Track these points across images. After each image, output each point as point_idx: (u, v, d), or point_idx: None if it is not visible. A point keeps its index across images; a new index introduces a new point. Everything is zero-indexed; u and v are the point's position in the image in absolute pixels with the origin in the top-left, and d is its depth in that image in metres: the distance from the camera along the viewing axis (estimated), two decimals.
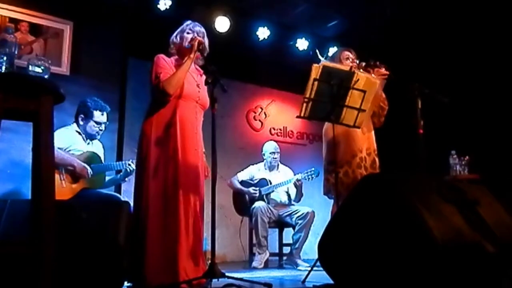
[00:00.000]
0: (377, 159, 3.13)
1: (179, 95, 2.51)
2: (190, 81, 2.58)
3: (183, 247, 2.33)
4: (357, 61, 3.14)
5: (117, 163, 3.32)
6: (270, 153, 4.46)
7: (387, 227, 1.73)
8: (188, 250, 2.36)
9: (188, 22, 2.72)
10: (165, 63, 2.55)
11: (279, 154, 4.49)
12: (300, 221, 4.09)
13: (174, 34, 2.71)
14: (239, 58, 5.16)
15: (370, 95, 2.85)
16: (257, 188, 4.28)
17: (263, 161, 4.53)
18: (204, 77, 2.66)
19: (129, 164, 3.22)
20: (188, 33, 2.65)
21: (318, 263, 2.14)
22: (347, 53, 3.24)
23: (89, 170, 3.10)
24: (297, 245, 4.08)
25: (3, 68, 1.74)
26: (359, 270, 1.81)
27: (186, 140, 2.49)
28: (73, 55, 4.15)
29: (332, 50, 5.44)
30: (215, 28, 4.77)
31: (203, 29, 2.71)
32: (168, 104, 2.50)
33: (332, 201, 3.05)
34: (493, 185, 2.16)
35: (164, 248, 2.33)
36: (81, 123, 3.25)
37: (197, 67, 2.73)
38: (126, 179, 3.34)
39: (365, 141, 3.09)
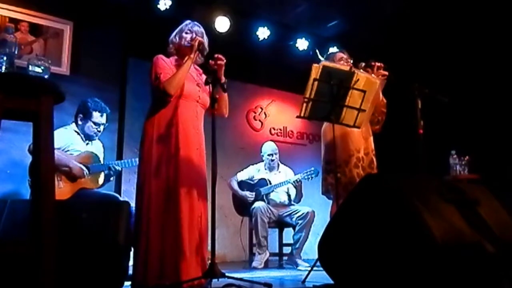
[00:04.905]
0: (375, 160, 3.13)
1: (180, 94, 2.52)
2: (190, 80, 2.59)
3: (184, 247, 2.32)
4: (351, 61, 3.13)
5: (107, 164, 3.27)
6: (268, 155, 4.43)
7: (387, 227, 1.73)
8: (189, 250, 2.35)
9: (187, 22, 2.73)
10: (164, 63, 2.56)
11: (277, 156, 4.46)
12: (300, 221, 4.09)
13: (173, 34, 2.71)
14: (239, 58, 5.12)
15: (370, 95, 2.85)
16: (253, 193, 4.27)
17: (263, 161, 4.53)
18: (204, 76, 2.67)
19: (114, 165, 3.20)
20: (186, 33, 2.66)
21: (318, 263, 2.14)
22: (340, 55, 3.23)
23: (86, 170, 3.09)
24: (297, 245, 4.08)
25: (3, 68, 1.73)
26: (359, 270, 1.81)
27: (187, 139, 2.49)
28: (73, 55, 4.16)
29: (332, 50, 5.45)
30: (215, 28, 4.77)
31: (202, 29, 2.72)
32: (169, 104, 2.51)
33: (331, 201, 3.05)
34: (493, 185, 2.16)
35: (165, 247, 2.33)
36: (79, 123, 3.24)
37: (197, 66, 2.75)
38: (111, 178, 3.31)
39: (363, 142, 3.08)
